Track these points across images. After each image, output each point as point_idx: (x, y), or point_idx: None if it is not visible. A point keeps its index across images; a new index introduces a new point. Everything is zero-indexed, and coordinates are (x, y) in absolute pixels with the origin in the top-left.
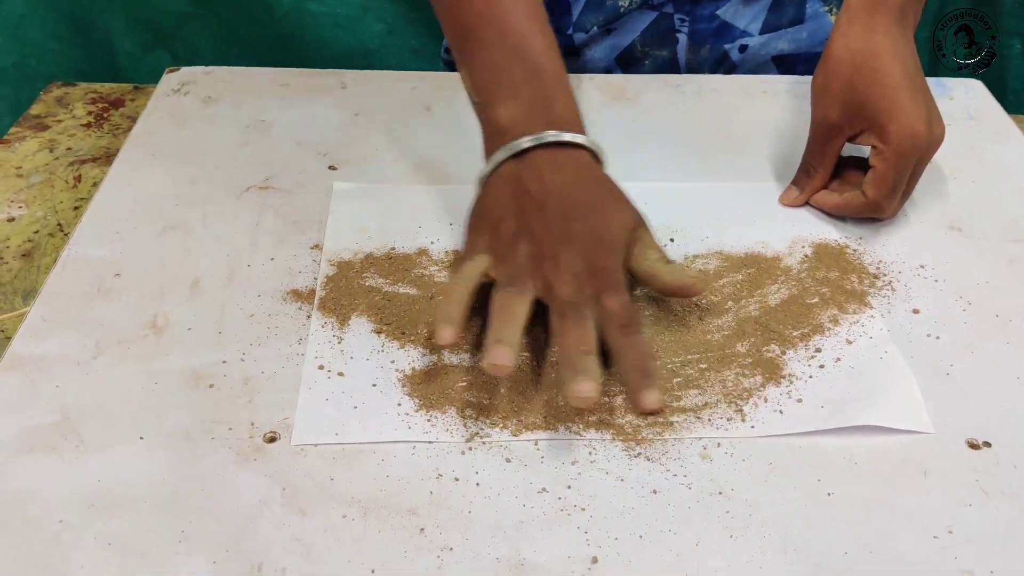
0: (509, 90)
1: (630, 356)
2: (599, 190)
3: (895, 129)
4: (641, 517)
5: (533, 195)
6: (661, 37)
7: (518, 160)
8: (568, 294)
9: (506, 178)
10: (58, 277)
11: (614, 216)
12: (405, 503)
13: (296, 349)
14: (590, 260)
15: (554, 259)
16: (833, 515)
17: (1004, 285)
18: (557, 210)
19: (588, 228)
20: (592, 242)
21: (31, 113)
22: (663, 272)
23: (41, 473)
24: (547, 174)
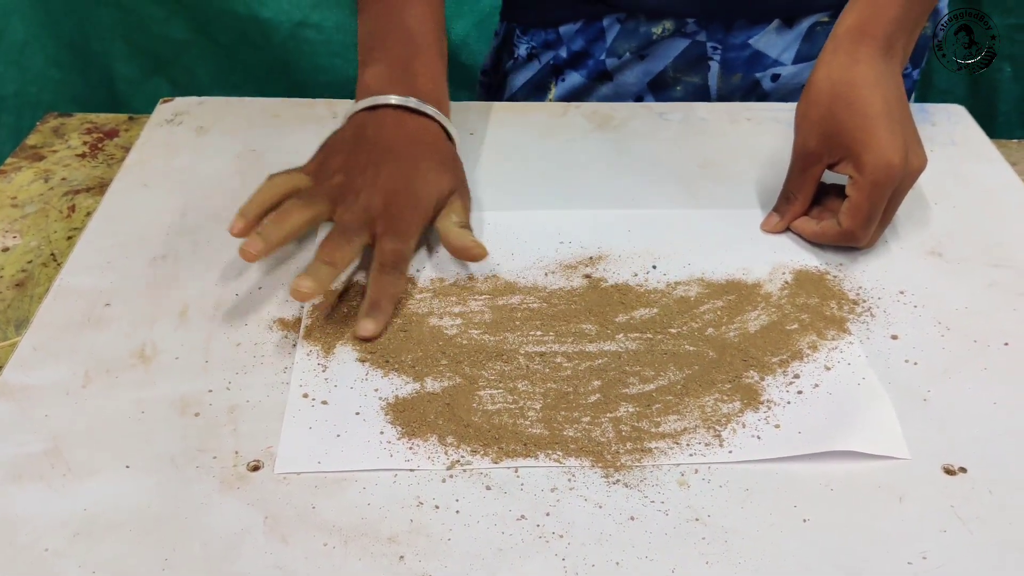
0: (380, 54)
1: (373, 289)
2: (429, 153)
3: (870, 160)
4: (618, 544)
5: (367, 139)
6: (693, 64)
7: (371, 112)
8: (348, 220)
9: (354, 124)
10: (49, 307)
11: (431, 177)
12: (385, 531)
13: (281, 378)
14: (387, 204)
15: (355, 193)
16: (809, 541)
17: (983, 310)
18: (379, 157)
19: (400, 177)
20: (397, 190)
21: (27, 143)
22: (451, 232)
23: (28, 501)
24: (387, 128)
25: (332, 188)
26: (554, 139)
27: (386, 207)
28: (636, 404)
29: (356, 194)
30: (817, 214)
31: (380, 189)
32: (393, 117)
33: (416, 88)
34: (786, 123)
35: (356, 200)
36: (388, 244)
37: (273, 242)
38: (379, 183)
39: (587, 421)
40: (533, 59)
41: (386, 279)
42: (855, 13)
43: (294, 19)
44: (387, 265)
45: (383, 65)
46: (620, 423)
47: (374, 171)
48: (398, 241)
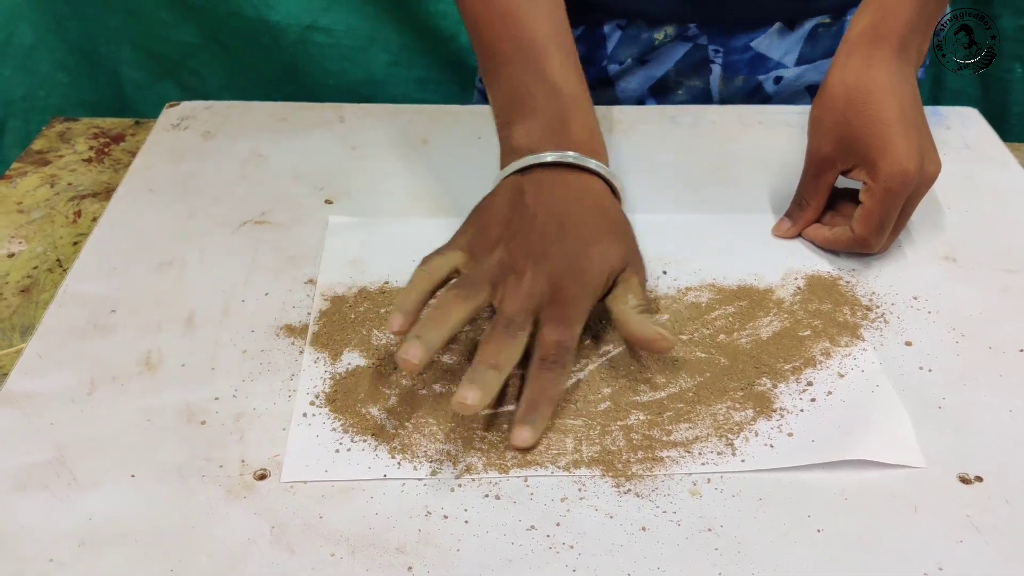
0: (526, 110)
1: (532, 388)
2: (596, 219)
3: (884, 166)
4: (630, 555)
5: (527, 207)
6: (695, 68)
7: (524, 174)
8: (512, 310)
9: (508, 187)
10: (55, 313)
11: (602, 249)
12: (393, 541)
13: (288, 385)
14: (555, 285)
15: (520, 274)
16: (823, 551)
17: (997, 316)
18: (542, 227)
19: (567, 253)
20: (564, 268)
21: (33, 148)
22: (631, 320)
23: (33, 511)
24: (546, 190)
25: (492, 270)
26: None
27: (552, 291)
28: (647, 412)
29: (519, 277)
30: (830, 220)
31: (546, 269)
32: (551, 177)
33: (572, 141)
34: (797, 127)
35: (519, 285)
36: (552, 335)
37: (435, 346)
38: (545, 262)
39: (597, 429)
40: None
41: (547, 376)
42: (868, 16)
43: (303, 23)
44: (549, 360)
45: (531, 121)
46: (631, 431)
47: (538, 247)
48: (564, 332)
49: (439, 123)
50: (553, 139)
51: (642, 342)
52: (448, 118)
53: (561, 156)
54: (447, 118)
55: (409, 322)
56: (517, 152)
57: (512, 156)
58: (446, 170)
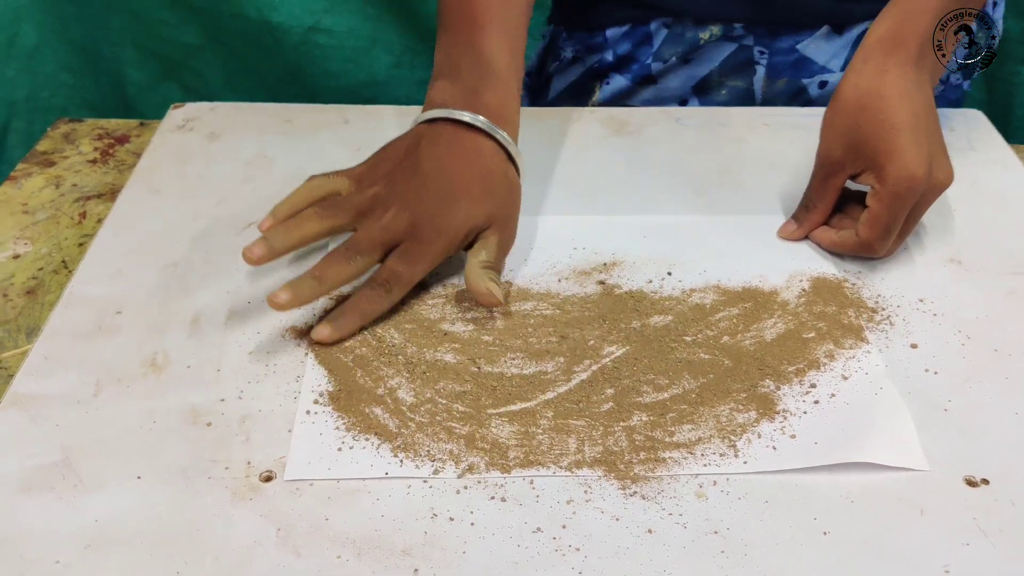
0: (450, 75)
1: (352, 298)
2: (474, 177)
3: (892, 171)
4: (636, 557)
5: (419, 154)
6: (738, 68)
7: (431, 124)
8: (361, 237)
9: (411, 134)
10: (60, 315)
11: (469, 204)
12: (399, 543)
13: (294, 387)
14: (413, 226)
15: (384, 208)
16: (829, 554)
17: (1003, 318)
18: (423, 174)
19: (434, 199)
20: (427, 212)
21: (38, 149)
22: (472, 272)
23: (39, 513)
24: (441, 143)
25: (364, 200)
26: (569, 144)
27: (407, 230)
28: (650, 413)
29: (384, 211)
30: (836, 222)
31: (410, 211)
32: (449, 132)
33: (482, 106)
34: (804, 128)
35: (381, 217)
36: (392, 263)
37: (277, 249)
38: (411, 204)
39: (600, 430)
40: (577, 62)
41: (369, 293)
42: (887, 23)
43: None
44: (377, 280)
45: (452, 81)
46: (634, 432)
47: (412, 191)
48: (404, 265)
49: None
50: (464, 101)
51: (474, 294)
52: None
53: (468, 117)
54: None
55: (274, 224)
56: (432, 103)
57: (428, 106)
58: None
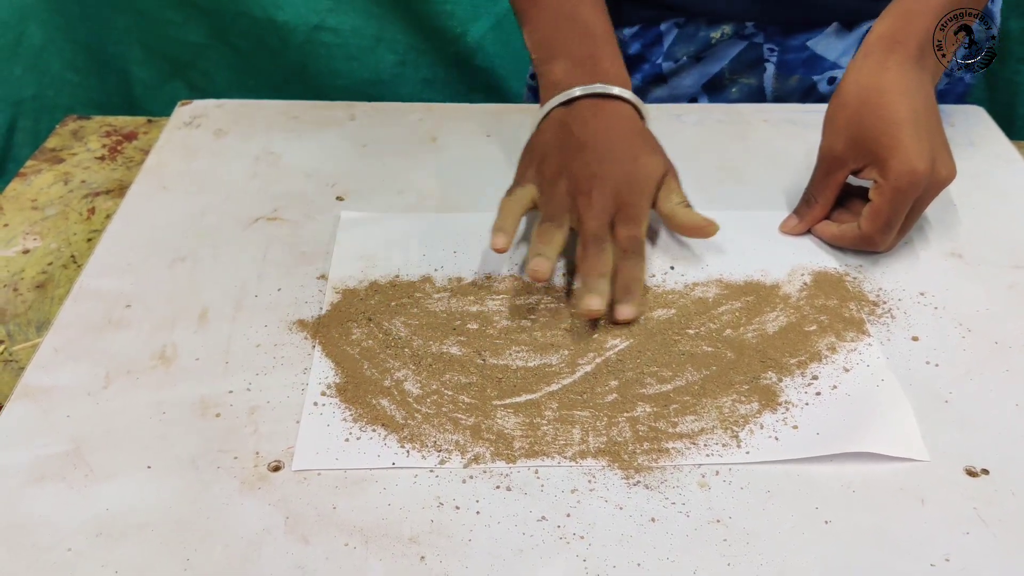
0: (562, 48)
1: (622, 276)
2: (635, 137)
3: (894, 165)
4: (639, 545)
5: (576, 137)
6: (749, 66)
7: (567, 107)
8: (594, 227)
9: (554, 122)
10: (70, 308)
11: (645, 161)
12: (406, 531)
13: (301, 379)
14: (618, 197)
15: (587, 195)
16: (830, 543)
17: (1004, 312)
18: (594, 152)
19: (620, 170)
20: (622, 182)
21: (47, 146)
22: (679, 213)
23: (51, 502)
24: (590, 120)
25: (564, 198)
26: None
27: (617, 201)
28: (653, 404)
29: (588, 197)
30: (838, 216)
31: (609, 186)
32: (589, 107)
33: (604, 75)
34: (802, 125)
35: (590, 204)
36: (624, 231)
37: (553, 261)
38: (605, 180)
39: (604, 421)
40: None
41: (630, 263)
42: (888, 21)
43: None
44: (628, 251)
45: (568, 62)
46: (637, 423)
47: (595, 168)
48: (632, 227)
49: (448, 121)
50: (587, 74)
51: (691, 229)
52: (457, 116)
53: (604, 88)
54: (456, 116)
55: (510, 240)
56: (557, 87)
57: (551, 90)
58: (455, 167)
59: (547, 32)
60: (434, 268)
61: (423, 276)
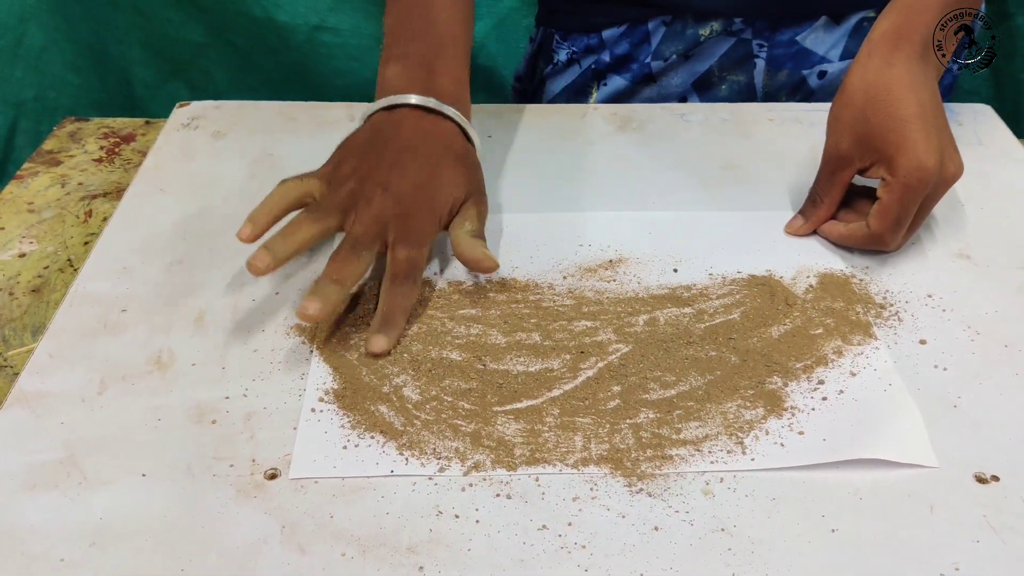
0: (401, 49)
1: (385, 301)
2: (445, 156)
3: (903, 162)
4: (642, 555)
5: (382, 142)
6: (738, 62)
7: (388, 112)
8: (359, 232)
9: (371, 124)
10: (66, 313)
11: (445, 182)
12: (404, 541)
13: (299, 384)
14: (402, 209)
15: (367, 200)
16: (837, 551)
17: (1013, 314)
18: (393, 160)
19: (414, 183)
20: (410, 193)
21: (44, 148)
22: (463, 242)
23: (44, 510)
24: (404, 129)
25: (343, 197)
26: (573, 141)
27: (398, 214)
28: (657, 410)
29: (368, 202)
30: (844, 216)
31: (393, 196)
32: (410, 118)
33: (436, 88)
34: (807, 123)
35: (368, 209)
36: (401, 252)
37: (280, 257)
38: (392, 189)
39: (607, 427)
40: (573, 64)
41: (398, 290)
42: (892, 17)
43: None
44: (400, 275)
45: (404, 63)
46: (640, 429)
47: (387, 177)
48: (411, 248)
49: None
50: (420, 83)
51: (470, 262)
52: None
53: (423, 100)
54: None
55: (256, 233)
56: (386, 90)
57: (382, 93)
58: None
59: (392, 27)
60: (433, 272)
61: (422, 280)
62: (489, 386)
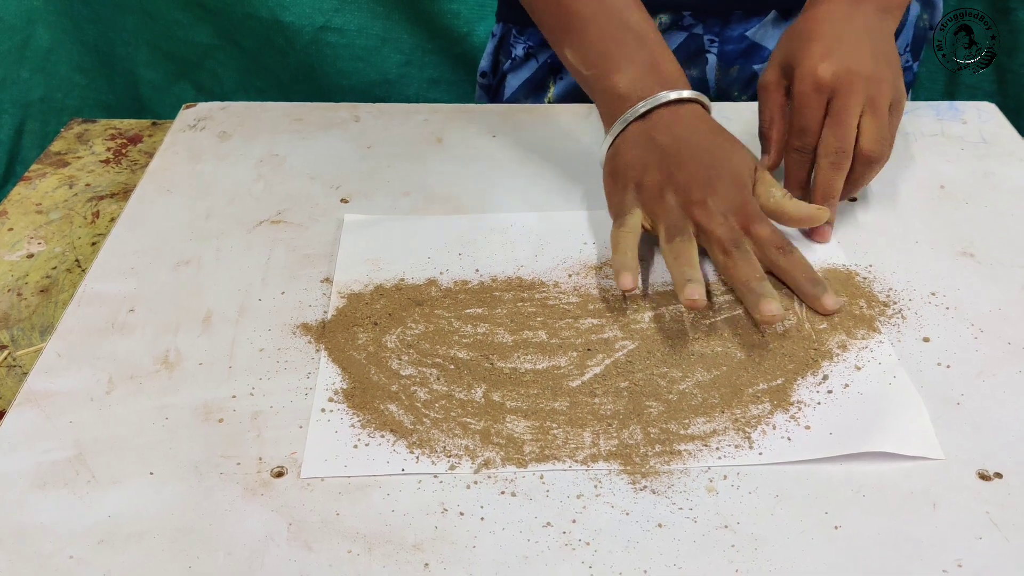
0: (621, 59)
1: (797, 271)
2: (719, 137)
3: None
4: (646, 552)
5: (667, 148)
6: (691, 57)
7: (643, 120)
8: (724, 233)
9: (636, 137)
10: (74, 313)
11: (739, 159)
12: (410, 538)
13: (305, 383)
14: (732, 200)
15: (702, 204)
16: (840, 548)
17: (1017, 312)
18: (692, 159)
19: (723, 172)
20: (729, 183)
21: (51, 150)
22: (787, 206)
23: (53, 508)
24: (674, 128)
25: (678, 212)
26: (578, 141)
27: (733, 205)
28: (664, 406)
29: (704, 207)
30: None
31: (720, 192)
32: (668, 115)
33: (668, 79)
34: None
35: (710, 214)
36: (764, 231)
37: (702, 281)
38: (713, 185)
39: (615, 424)
40: (530, 59)
41: (794, 257)
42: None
43: (317, 23)
44: (783, 247)
45: (630, 71)
46: (648, 425)
47: (700, 175)
48: (767, 224)
49: (453, 122)
50: (654, 82)
51: (804, 219)
52: (462, 117)
53: (678, 94)
54: (461, 117)
55: (635, 278)
56: (626, 99)
57: (619, 103)
58: (460, 168)
59: (600, 45)
60: (439, 271)
61: (428, 279)
62: (497, 384)
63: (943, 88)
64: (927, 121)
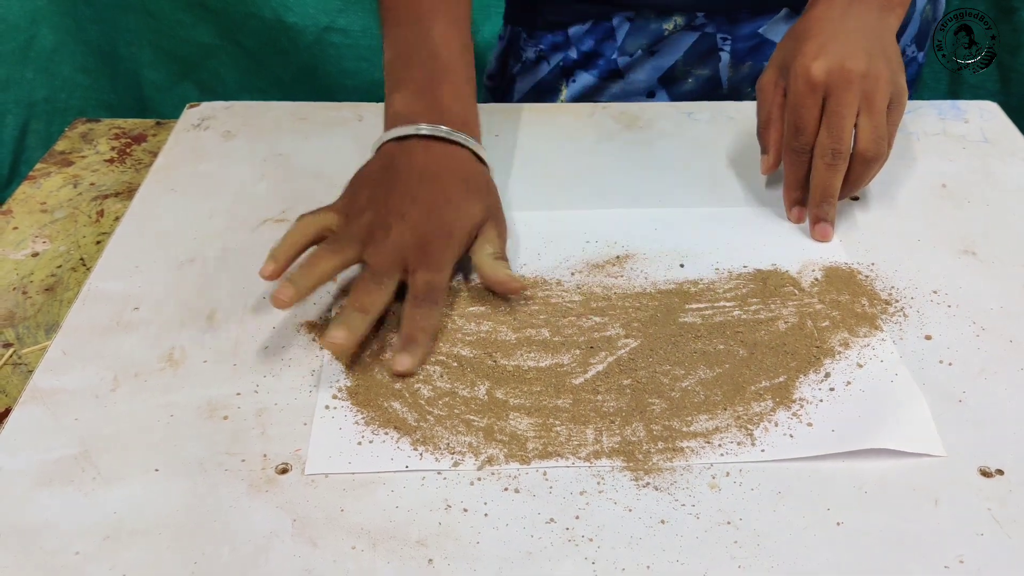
0: (406, 77)
1: (407, 323)
2: (459, 181)
3: (791, 70)
4: (649, 547)
5: (398, 172)
6: (703, 56)
7: (399, 142)
8: (378, 262)
9: (383, 155)
10: (79, 311)
11: (462, 207)
12: (414, 534)
13: (309, 381)
14: (420, 236)
15: (385, 230)
16: (842, 544)
17: (1018, 310)
18: (408, 189)
19: (430, 210)
20: (427, 221)
21: (56, 149)
22: (486, 265)
23: (59, 505)
24: (416, 158)
25: (361, 228)
26: (581, 140)
27: (417, 242)
28: (667, 403)
29: (386, 232)
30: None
31: (410, 224)
32: (421, 146)
33: (444, 113)
34: None
35: (386, 239)
36: (421, 276)
37: (303, 289)
38: (409, 218)
39: (618, 421)
40: (541, 62)
41: (420, 312)
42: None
43: (320, 24)
44: (420, 298)
45: (410, 91)
46: (651, 422)
47: (404, 206)
48: (431, 273)
49: None
50: (428, 111)
51: (495, 284)
52: None
53: (433, 130)
54: None
55: (278, 269)
56: (395, 120)
57: (392, 122)
58: None
59: (395, 55)
60: None
61: None
62: (500, 381)
63: (946, 87)
64: (929, 120)
